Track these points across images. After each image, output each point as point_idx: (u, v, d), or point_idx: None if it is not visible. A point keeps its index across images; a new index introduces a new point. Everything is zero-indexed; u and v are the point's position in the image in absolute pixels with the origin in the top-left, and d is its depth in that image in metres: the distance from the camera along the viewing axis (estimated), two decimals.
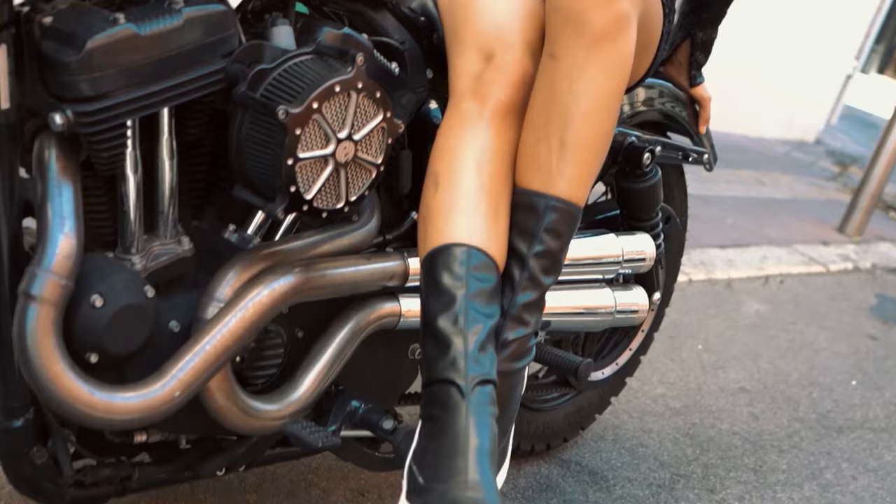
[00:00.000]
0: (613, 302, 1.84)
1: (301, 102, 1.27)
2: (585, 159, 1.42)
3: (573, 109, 1.40)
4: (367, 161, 1.37)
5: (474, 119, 1.45)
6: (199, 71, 1.28)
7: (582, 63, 1.39)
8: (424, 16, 1.65)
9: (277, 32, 1.37)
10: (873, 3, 7.44)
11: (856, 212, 5.24)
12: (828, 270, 4.61)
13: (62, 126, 1.18)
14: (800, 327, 3.78)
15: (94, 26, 1.19)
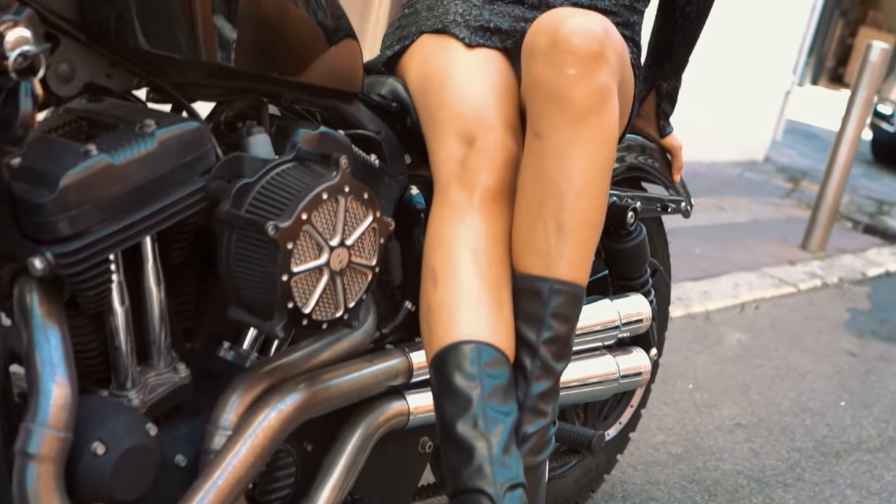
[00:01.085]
0: (616, 368, 1.80)
1: (290, 215, 1.22)
2: (584, 238, 1.38)
3: (566, 189, 1.36)
4: (362, 264, 1.33)
5: (464, 208, 1.41)
6: (179, 193, 1.23)
7: (569, 141, 1.36)
8: (396, 101, 1.62)
9: (254, 142, 1.32)
10: (804, 18, 7.56)
11: (816, 228, 5.27)
12: (798, 290, 4.62)
13: (43, 270, 1.12)
14: (782, 352, 3.76)
15: (67, 161, 1.14)
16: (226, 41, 1.23)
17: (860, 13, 17.06)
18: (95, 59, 1.20)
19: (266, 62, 1.30)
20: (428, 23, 1.64)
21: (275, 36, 1.30)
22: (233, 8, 1.23)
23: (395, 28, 1.72)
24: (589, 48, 1.35)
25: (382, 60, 1.68)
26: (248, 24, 1.25)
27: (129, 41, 1.18)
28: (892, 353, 4.07)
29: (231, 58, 1.24)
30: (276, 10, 1.29)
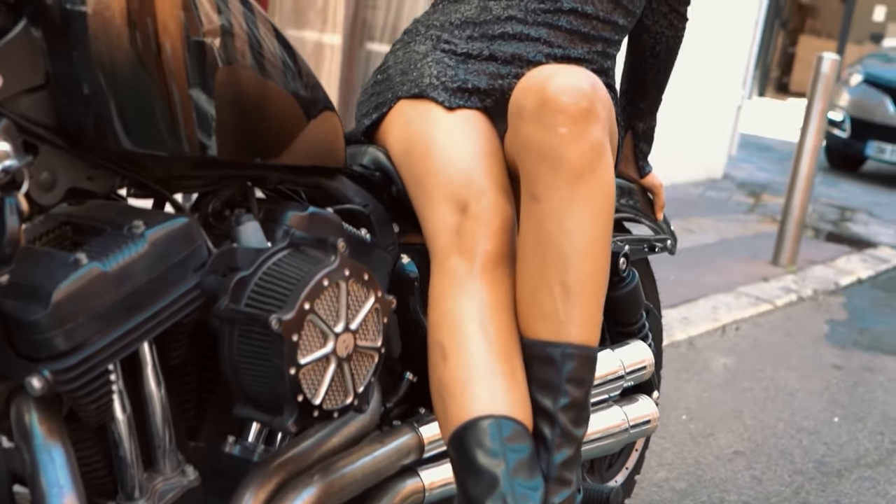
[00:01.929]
0: (625, 419, 1.77)
1: (292, 306, 1.18)
2: (591, 298, 1.35)
3: (569, 250, 1.33)
4: (368, 347, 1.29)
5: (465, 277, 1.38)
6: (174, 293, 1.19)
7: (567, 201, 1.33)
8: (379, 171, 1.59)
9: (245, 231, 1.28)
10: (748, 31, 7.64)
11: (785, 242, 5.29)
12: (775, 306, 4.62)
13: (42, 389, 1.07)
14: (768, 373, 3.75)
15: (57, 273, 1.09)
16: (208, 132, 1.20)
17: (798, 22, 17.32)
18: (76, 164, 1.16)
19: (250, 148, 1.27)
20: (404, 87, 1.61)
21: (256, 119, 1.27)
22: (212, 96, 1.19)
23: (370, 95, 1.69)
24: (579, 105, 1.33)
25: (361, 130, 1.65)
26: (229, 111, 1.22)
27: (109, 142, 1.14)
28: (877, 363, 4.07)
29: (214, 148, 1.21)
30: (256, 91, 1.26)
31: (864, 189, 8.57)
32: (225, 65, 1.20)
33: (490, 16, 1.66)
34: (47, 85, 1.11)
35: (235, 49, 1.22)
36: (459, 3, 1.71)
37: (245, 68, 1.24)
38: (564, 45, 1.65)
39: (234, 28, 1.22)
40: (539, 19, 1.64)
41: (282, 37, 1.33)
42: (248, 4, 1.28)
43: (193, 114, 1.18)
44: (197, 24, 1.18)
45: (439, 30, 1.69)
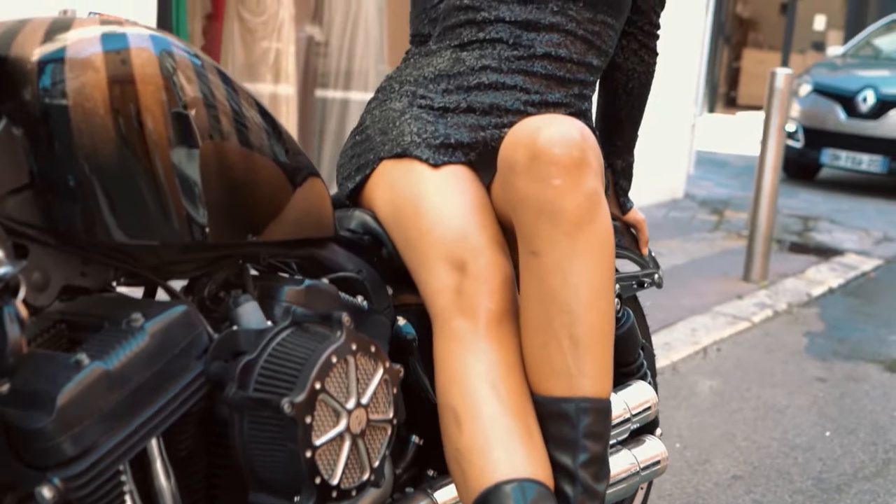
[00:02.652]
0: (635, 461, 1.74)
1: (303, 387, 1.15)
2: (601, 349, 1.33)
3: (574, 304, 1.31)
4: (381, 420, 1.26)
5: (470, 338, 1.35)
6: (179, 385, 1.15)
7: (568, 254, 1.31)
8: (368, 234, 1.56)
9: (244, 312, 1.25)
10: (697, 49, 7.72)
11: (754, 257, 5.31)
12: (753, 323, 4.63)
13: (53, 498, 1.04)
14: (755, 392, 3.75)
15: (58, 376, 1.06)
16: (199, 217, 1.17)
17: (741, 36, 17.56)
18: (68, 261, 1.13)
19: (241, 227, 1.24)
20: (385, 147, 1.59)
21: (247, 197, 1.24)
22: (199, 179, 1.17)
23: (350, 157, 1.66)
24: (571, 156, 1.31)
25: (345, 193, 1.62)
26: (218, 192, 1.19)
27: (100, 236, 1.11)
28: (859, 372, 4.09)
29: (206, 232, 1.18)
30: (243, 167, 1.23)
31: (823, 197, 8.65)
32: (210, 144, 1.18)
33: (464, 67, 1.64)
34: (32, 183, 1.08)
35: (220, 126, 1.20)
36: (431, 56, 1.70)
37: (231, 146, 1.21)
38: (541, 90, 1.64)
39: (217, 105, 1.20)
40: (513, 66, 1.63)
41: (262, 107, 1.31)
42: (226, 77, 1.26)
43: (183, 199, 1.15)
44: (178, 104, 1.15)
45: (414, 85, 1.67)
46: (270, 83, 5.20)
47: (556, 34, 1.65)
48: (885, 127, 8.74)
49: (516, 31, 1.64)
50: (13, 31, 1.09)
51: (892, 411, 3.64)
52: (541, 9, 1.64)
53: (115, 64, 1.09)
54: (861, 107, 8.83)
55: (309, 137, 5.67)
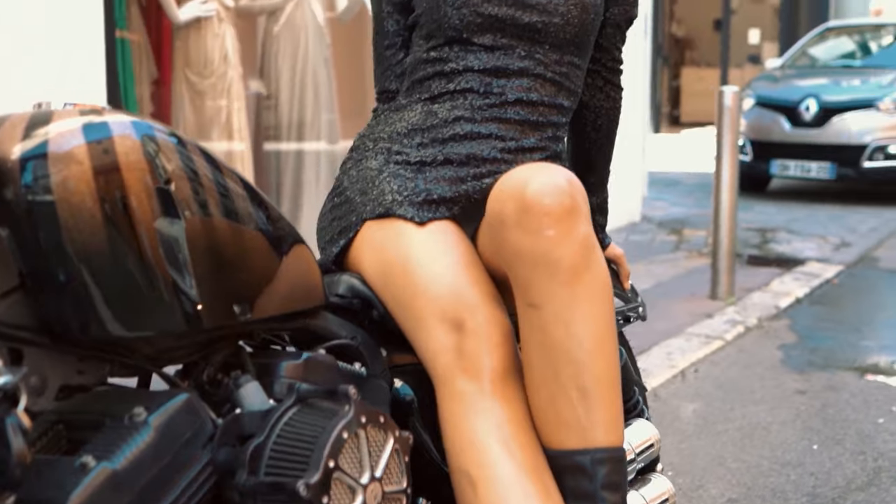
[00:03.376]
0: (644, 502, 1.72)
1: (316, 467, 1.12)
2: (611, 396, 1.31)
3: (579, 353, 1.30)
4: (395, 491, 1.23)
5: (476, 397, 1.33)
6: (187, 476, 1.12)
7: (568, 304, 1.30)
8: (356, 298, 1.54)
9: (246, 393, 1.22)
10: (640, 71, 7.80)
11: (720, 275, 5.33)
12: (726, 341, 4.64)
13: None
14: (738, 411, 3.75)
15: (66, 483, 1.02)
16: (193, 302, 1.14)
17: (678, 55, 17.80)
18: (64, 360, 1.09)
19: (235, 308, 1.21)
20: (367, 209, 1.57)
21: (238, 275, 1.21)
22: (192, 264, 1.14)
23: (331, 220, 1.64)
24: (562, 205, 1.30)
25: (330, 258, 1.60)
26: (210, 275, 1.16)
27: (97, 332, 1.08)
28: (837, 380, 4.10)
29: (201, 317, 1.15)
30: (232, 244, 1.21)
31: (777, 207, 8.74)
32: (198, 224, 1.16)
33: (437, 119, 1.63)
34: (23, 284, 1.04)
35: (206, 206, 1.17)
36: (402, 111, 1.68)
37: (218, 225, 1.19)
38: (516, 136, 1.63)
39: (202, 183, 1.18)
40: (487, 115, 1.62)
41: (244, 180, 1.29)
42: (207, 154, 1.23)
43: (177, 285, 1.12)
44: (165, 188, 1.12)
45: (388, 141, 1.65)
46: (223, 141, 5.18)
47: (526, 79, 1.65)
48: (829, 134, 8.87)
49: (486, 80, 1.64)
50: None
51: (874, 418, 3.65)
52: (508, 55, 1.64)
53: (98, 154, 1.06)
54: (804, 116, 8.96)
55: (266, 192, 5.64)
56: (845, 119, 8.83)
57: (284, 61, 5.54)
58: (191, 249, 1.14)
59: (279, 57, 5.50)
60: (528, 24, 1.64)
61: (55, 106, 1.12)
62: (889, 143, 8.70)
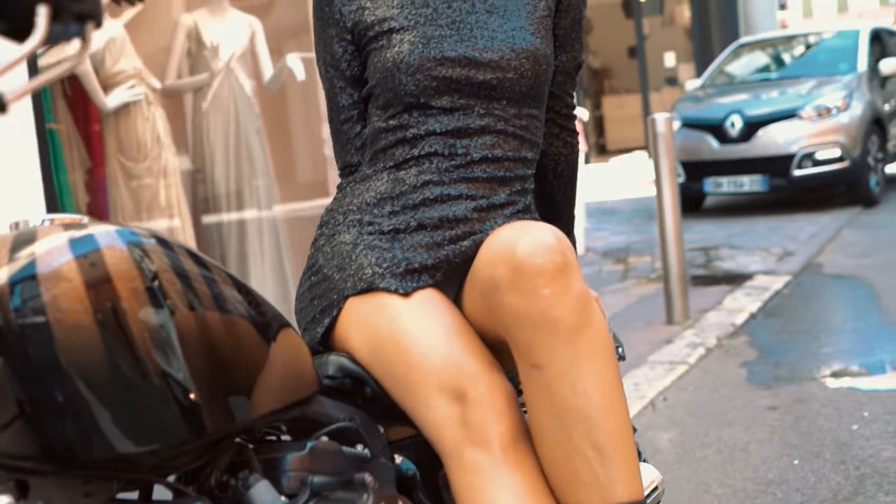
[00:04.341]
0: None
1: None
2: (626, 449, 1.29)
3: (590, 410, 1.28)
4: None
5: (489, 467, 1.30)
6: None
7: (573, 361, 1.28)
8: (348, 377, 1.51)
9: (257, 493, 1.18)
10: None
11: (673, 299, 5.36)
12: (690, 365, 4.66)
13: None
14: (713, 435, 3.75)
15: None
16: (193, 410, 1.10)
17: (597, 85, 18.05)
18: (71, 485, 1.05)
19: (235, 409, 1.17)
20: (347, 285, 1.54)
21: (235, 375, 1.18)
22: (188, 369, 1.10)
23: (311, 300, 1.61)
24: (554, 262, 1.29)
25: (315, 339, 1.56)
26: (209, 378, 1.13)
27: (101, 452, 1.03)
28: (804, 392, 4.13)
29: (203, 424, 1.11)
30: (226, 342, 1.17)
31: (716, 225, 8.85)
32: (193, 325, 1.13)
33: (405, 186, 1.62)
34: (22, 412, 1.00)
35: (198, 305, 1.14)
36: (368, 182, 1.67)
37: (212, 323, 1.16)
38: (486, 193, 1.62)
39: (193, 284, 1.14)
40: (454, 176, 1.62)
41: (230, 275, 1.26)
42: (191, 253, 1.20)
43: (177, 395, 1.08)
44: (156, 294, 1.09)
45: (358, 213, 1.63)
46: (163, 220, 5.12)
47: (489, 136, 1.64)
48: (756, 147, 9.04)
49: (449, 141, 1.63)
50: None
51: (848, 426, 3.68)
52: (468, 115, 1.63)
53: (88, 268, 1.03)
54: (731, 132, 9.12)
55: None
56: (770, 131, 9.00)
57: (217, 136, 5.51)
58: (186, 354, 1.10)
59: (211, 132, 5.47)
60: (484, 82, 1.63)
61: (33, 223, 1.08)
62: (815, 150, 8.88)
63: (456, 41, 1.64)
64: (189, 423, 1.09)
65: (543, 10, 1.73)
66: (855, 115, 9.02)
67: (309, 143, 6.34)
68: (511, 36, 1.66)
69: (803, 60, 10.54)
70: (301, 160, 6.55)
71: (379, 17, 1.68)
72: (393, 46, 1.64)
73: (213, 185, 5.65)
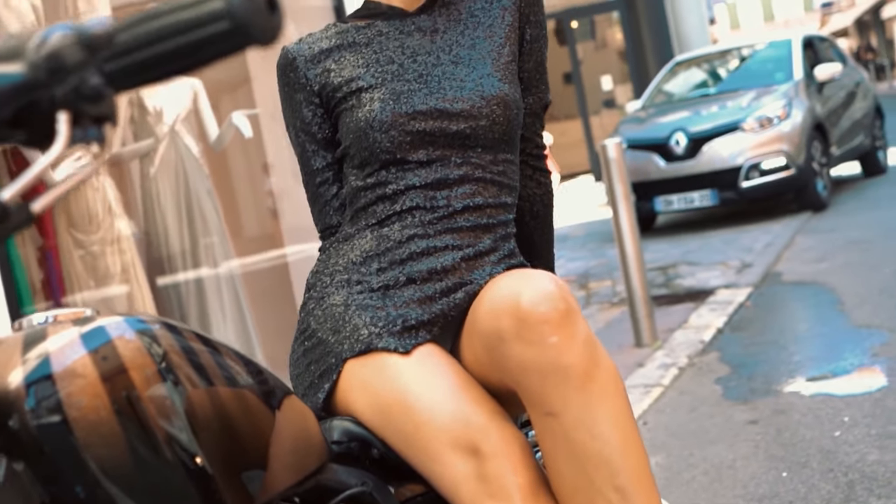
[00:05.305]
0: None
1: None
2: (648, 488, 1.29)
3: (609, 453, 1.27)
4: None
5: None
6: None
7: (587, 406, 1.27)
8: (354, 440, 1.49)
9: None
10: None
11: (640, 322, 5.39)
12: (665, 387, 4.67)
13: None
14: (698, 455, 3.75)
15: None
16: (214, 495, 1.08)
17: None
18: None
19: (256, 490, 1.15)
20: (344, 347, 1.52)
21: (252, 453, 1.16)
22: (206, 453, 1.08)
23: (307, 365, 1.59)
24: (558, 310, 1.28)
25: (318, 405, 1.54)
26: (228, 460, 1.11)
27: None
28: (782, 402, 4.16)
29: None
30: (243, 424, 1.15)
31: (671, 243, 8.93)
32: (209, 407, 1.11)
33: (390, 242, 1.61)
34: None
35: (212, 387, 1.12)
36: (351, 241, 1.66)
37: (226, 402, 1.14)
38: (472, 242, 1.62)
39: (204, 366, 1.13)
40: (438, 228, 1.61)
41: (239, 354, 1.24)
42: (194, 332, 1.19)
43: (197, 480, 1.06)
44: (170, 379, 1.07)
45: (345, 273, 1.62)
46: (120, 286, 5.06)
47: (468, 185, 1.64)
48: (703, 162, 9.15)
49: (429, 194, 1.62)
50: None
51: (830, 432, 3.70)
52: (445, 165, 1.63)
53: (101, 362, 1.01)
54: (676, 150, 9.23)
55: None
56: (715, 146, 9.12)
57: (167, 199, 5.48)
58: (201, 435, 1.08)
59: (161, 196, 5.43)
60: (458, 132, 1.63)
61: (36, 321, 1.06)
62: (761, 160, 9.01)
63: (426, 94, 1.64)
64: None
65: (508, 56, 1.74)
66: (796, 122, 9.17)
67: (255, 197, 6.34)
68: (479, 84, 1.67)
69: (740, 73, 10.72)
70: (250, 214, 6.53)
71: (346, 77, 1.67)
72: (364, 105, 1.64)
73: (168, 248, 5.60)
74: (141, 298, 5.13)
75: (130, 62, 0.76)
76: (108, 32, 0.75)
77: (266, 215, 6.37)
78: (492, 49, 1.72)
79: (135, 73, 0.77)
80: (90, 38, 0.74)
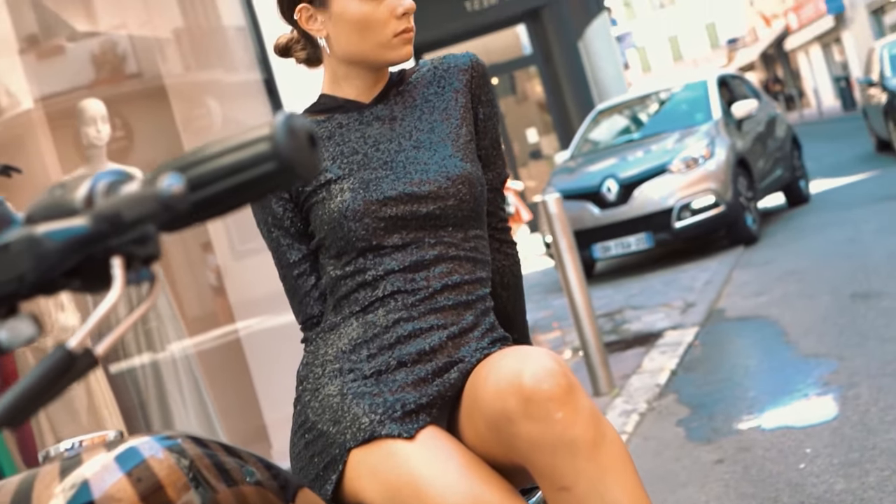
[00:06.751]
0: None
1: None
2: None
3: None
4: None
5: None
6: None
7: (598, 476, 1.32)
8: None
9: None
10: None
11: (596, 370, 5.45)
12: (629, 433, 4.72)
13: None
14: (671, 500, 3.80)
15: None
16: None
17: None
18: None
19: None
20: (347, 437, 1.56)
21: None
22: None
23: (310, 458, 1.61)
24: (561, 385, 1.34)
25: (327, 497, 1.57)
26: None
27: None
28: (744, 440, 4.23)
29: None
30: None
31: (613, 289, 9.05)
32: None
33: (377, 328, 1.65)
34: None
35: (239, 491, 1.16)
36: (337, 330, 1.69)
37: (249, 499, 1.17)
38: (455, 320, 1.67)
39: (230, 473, 1.16)
40: (421, 309, 1.66)
41: (257, 456, 1.27)
42: (213, 441, 1.22)
43: None
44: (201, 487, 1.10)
45: (336, 362, 1.66)
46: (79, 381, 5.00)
47: (443, 264, 1.69)
48: (635, 207, 9.34)
49: (408, 276, 1.67)
50: (26, 488, 1.02)
51: (795, 465, 3.78)
52: (420, 247, 1.68)
53: (138, 482, 1.03)
54: (608, 197, 9.41)
55: (132, 413, 5.48)
56: (645, 190, 9.31)
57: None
58: None
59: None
60: (428, 214, 1.69)
61: (63, 447, 1.08)
62: (691, 200, 9.21)
63: (393, 180, 1.69)
64: None
65: (466, 136, 1.80)
66: (720, 160, 9.41)
67: (200, 276, 6.34)
68: (443, 166, 1.72)
69: (660, 117, 10.98)
70: (195, 293, 6.52)
71: None
72: (335, 197, 1.68)
73: (122, 339, 5.56)
74: (99, 389, 5.09)
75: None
76: (183, 193, 0.77)
77: (211, 293, 6.37)
78: (450, 131, 1.79)
79: (186, 217, 0.80)
80: (168, 199, 0.76)
